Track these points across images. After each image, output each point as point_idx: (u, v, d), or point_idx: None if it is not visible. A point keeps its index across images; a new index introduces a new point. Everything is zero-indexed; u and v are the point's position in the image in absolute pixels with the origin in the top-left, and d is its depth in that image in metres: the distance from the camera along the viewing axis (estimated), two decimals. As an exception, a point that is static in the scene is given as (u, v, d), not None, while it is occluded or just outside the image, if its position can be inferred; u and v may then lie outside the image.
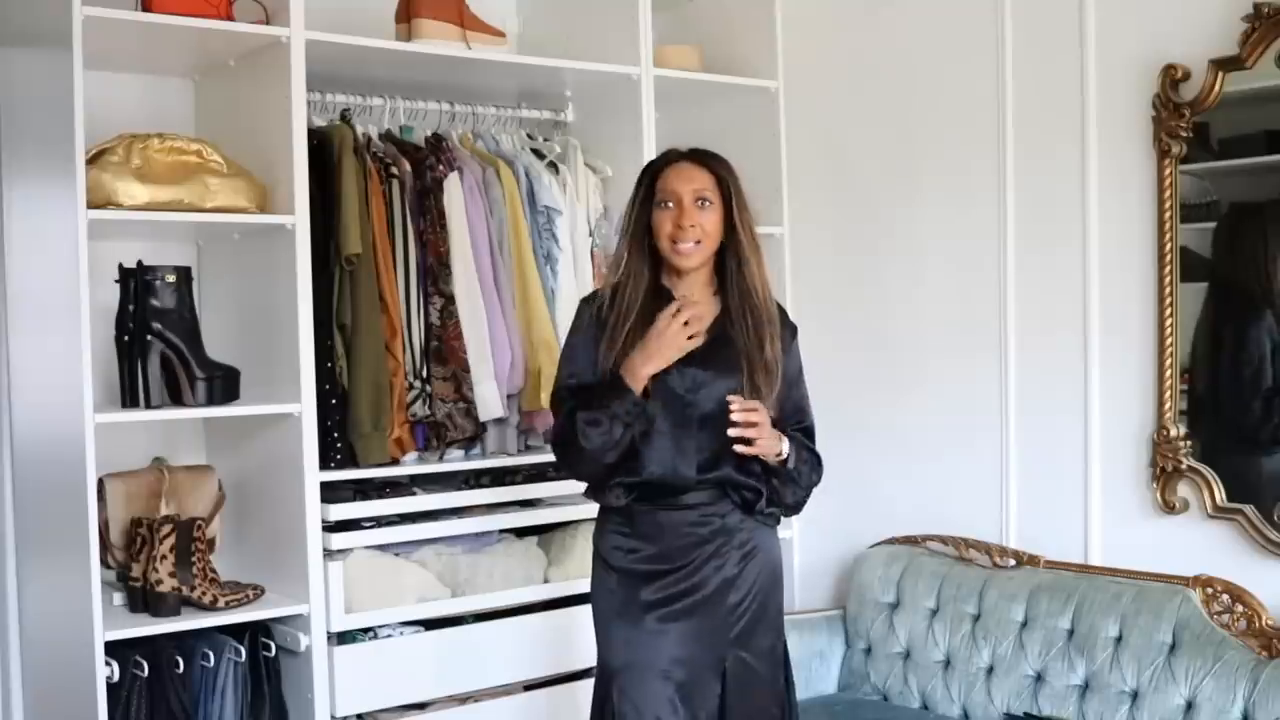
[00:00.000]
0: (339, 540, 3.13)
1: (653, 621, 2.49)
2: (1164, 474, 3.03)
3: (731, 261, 2.53)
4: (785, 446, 2.50)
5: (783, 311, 2.64)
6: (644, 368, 2.45)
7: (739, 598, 2.52)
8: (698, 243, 2.49)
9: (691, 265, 2.51)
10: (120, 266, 2.99)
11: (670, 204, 2.50)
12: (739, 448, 2.44)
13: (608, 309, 2.53)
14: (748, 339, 2.51)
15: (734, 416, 2.42)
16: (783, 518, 2.67)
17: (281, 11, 3.06)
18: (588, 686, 3.44)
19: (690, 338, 2.46)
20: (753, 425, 2.42)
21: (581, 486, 3.47)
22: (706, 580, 2.50)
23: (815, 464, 2.60)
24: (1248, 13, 2.84)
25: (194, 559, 3.01)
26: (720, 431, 2.46)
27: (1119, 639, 2.95)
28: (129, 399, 2.96)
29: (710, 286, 2.58)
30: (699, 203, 2.49)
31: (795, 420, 2.61)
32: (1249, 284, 2.91)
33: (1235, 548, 2.92)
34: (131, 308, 2.97)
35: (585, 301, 2.63)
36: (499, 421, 3.41)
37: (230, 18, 3.05)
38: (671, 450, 2.48)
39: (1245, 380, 2.91)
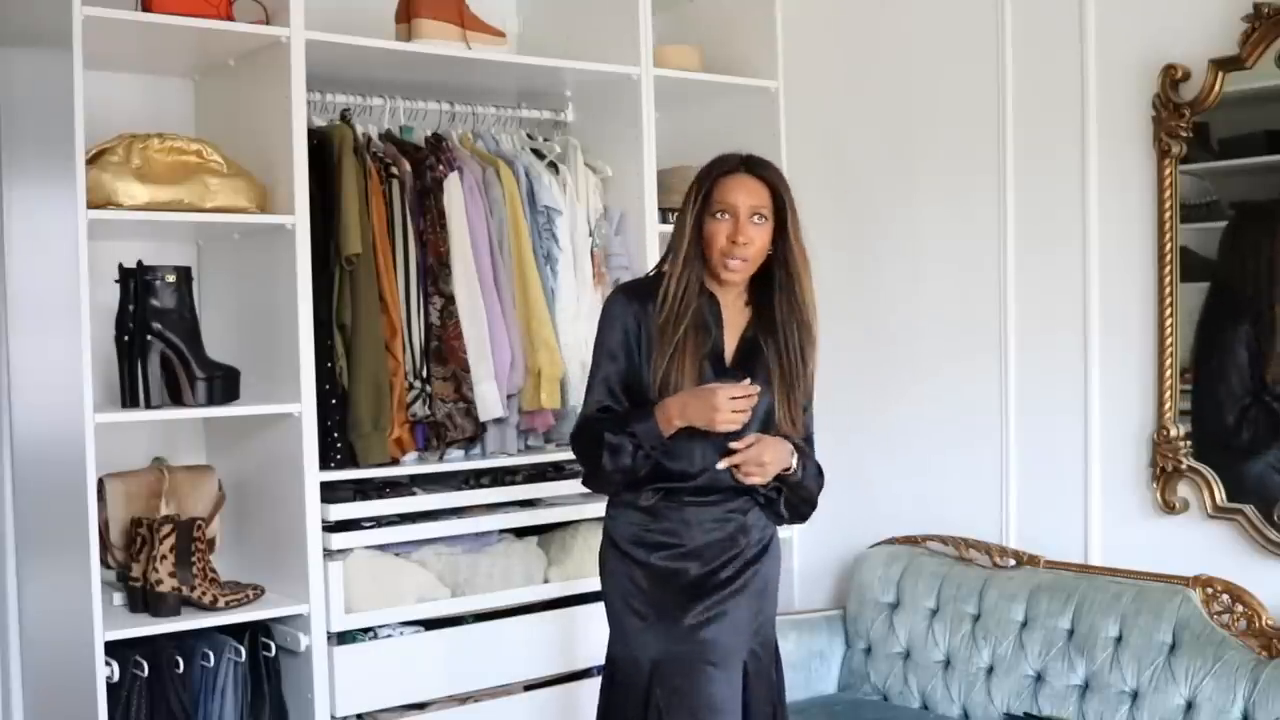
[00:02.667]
0: (339, 540, 3.13)
1: (691, 620, 2.49)
2: (1164, 474, 3.03)
3: (780, 272, 2.54)
4: (795, 461, 2.52)
5: None
6: (679, 418, 2.44)
7: (759, 596, 2.54)
8: (745, 261, 2.49)
9: (735, 281, 2.53)
10: (120, 266, 2.99)
11: (726, 215, 2.49)
12: (740, 478, 2.47)
13: (656, 309, 2.51)
14: (789, 352, 2.53)
15: (738, 459, 2.45)
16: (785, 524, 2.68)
17: (281, 11, 3.06)
18: (588, 686, 3.46)
19: (737, 422, 2.44)
20: (758, 464, 2.46)
21: (581, 486, 3.49)
22: (734, 579, 2.51)
23: (818, 474, 2.63)
24: (1248, 13, 2.84)
25: (194, 559, 3.01)
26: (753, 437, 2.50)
27: (1119, 639, 2.95)
28: (129, 399, 2.96)
29: (746, 294, 2.58)
30: (754, 218, 2.49)
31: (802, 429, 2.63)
32: (1249, 283, 2.91)
33: (1235, 548, 2.92)
34: (131, 308, 2.97)
35: (623, 294, 2.60)
36: (499, 421, 3.41)
37: (230, 18, 3.05)
38: (706, 449, 2.49)
39: (1244, 379, 2.91)
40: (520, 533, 3.50)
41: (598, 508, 3.43)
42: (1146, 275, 3.06)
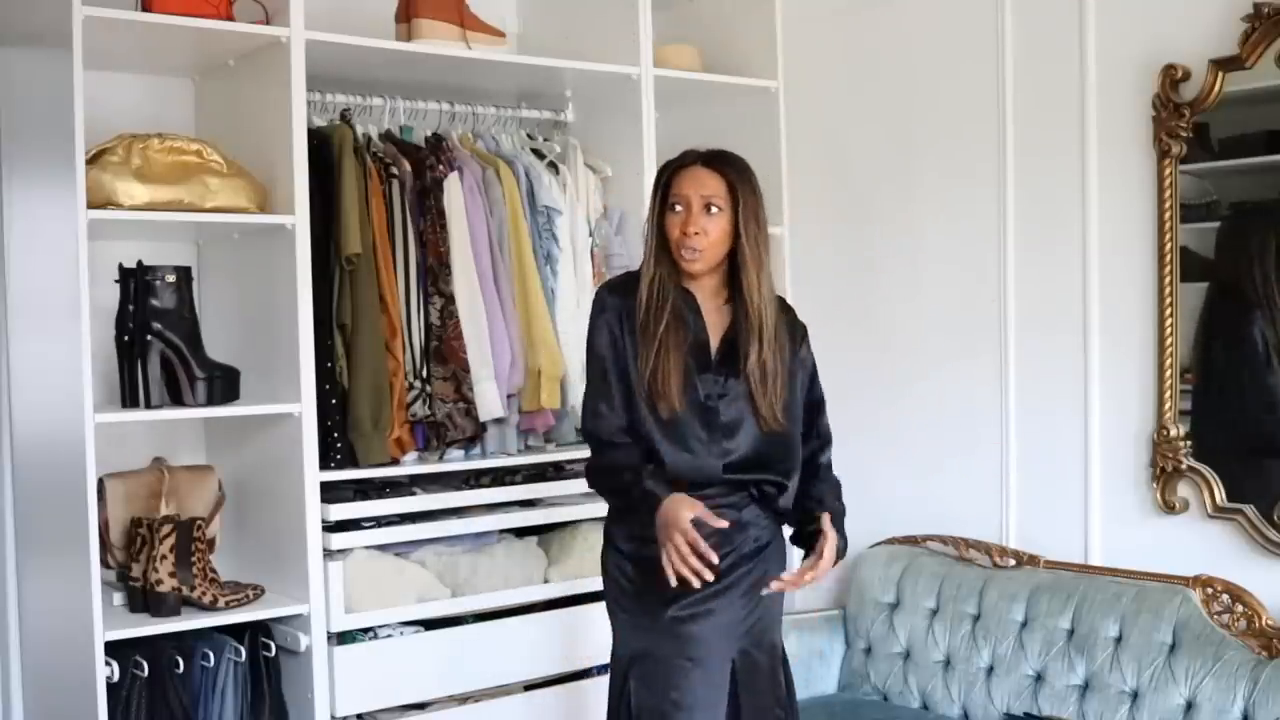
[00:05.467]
0: (339, 540, 3.13)
1: (673, 613, 2.48)
2: (1164, 474, 3.03)
3: (738, 268, 2.52)
4: (837, 542, 2.54)
5: (791, 311, 2.66)
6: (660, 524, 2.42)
7: (752, 594, 2.53)
8: (700, 251, 2.48)
9: (696, 270, 2.51)
10: (120, 266, 2.99)
11: (679, 208, 2.50)
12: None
13: (641, 308, 2.51)
14: (749, 349, 2.51)
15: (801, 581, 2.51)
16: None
17: (281, 11, 3.06)
18: (588, 686, 3.47)
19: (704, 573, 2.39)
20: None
21: (581, 486, 3.48)
22: (725, 575, 2.49)
23: (839, 494, 2.66)
24: (1248, 13, 2.84)
25: (194, 559, 3.01)
26: (744, 434, 2.50)
27: (1119, 639, 2.95)
28: (129, 399, 2.96)
29: (723, 293, 2.57)
30: (707, 209, 2.48)
31: (818, 429, 2.65)
32: (1249, 284, 2.91)
33: (1235, 548, 2.92)
34: (131, 308, 2.97)
35: (607, 291, 2.60)
36: (499, 421, 3.41)
37: (230, 18, 3.05)
38: (701, 451, 2.49)
39: (1245, 379, 2.91)
40: (520, 533, 3.50)
41: (597, 508, 3.43)
42: (1146, 275, 3.06)
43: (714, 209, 2.48)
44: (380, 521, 3.22)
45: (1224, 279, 2.96)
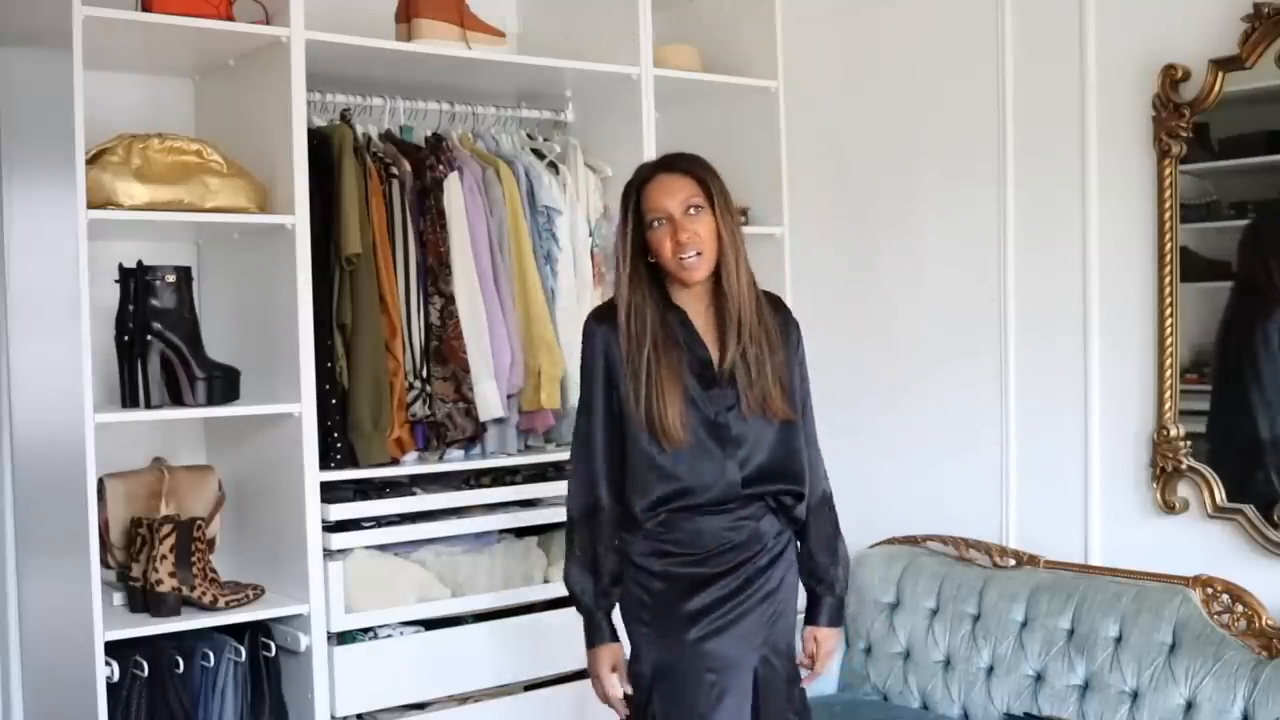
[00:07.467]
0: (339, 540, 3.14)
1: (696, 631, 2.47)
2: (1164, 474, 3.03)
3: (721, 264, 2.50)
4: (839, 620, 2.68)
5: (785, 310, 2.64)
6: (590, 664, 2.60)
7: (771, 603, 2.53)
8: (699, 253, 2.45)
9: (699, 278, 2.48)
10: (120, 266, 2.99)
11: (662, 221, 2.45)
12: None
13: (623, 338, 2.48)
14: (744, 347, 2.49)
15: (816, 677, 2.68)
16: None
17: (281, 11, 3.06)
18: (588, 686, 3.46)
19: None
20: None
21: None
22: (744, 587, 2.50)
23: (839, 539, 2.65)
24: (1248, 13, 2.84)
25: (194, 559, 3.02)
26: (758, 441, 2.49)
27: (1119, 639, 2.95)
28: (129, 399, 2.97)
29: (711, 299, 2.53)
30: (689, 210, 2.45)
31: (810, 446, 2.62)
32: (1264, 283, 2.90)
33: (1235, 548, 2.92)
34: (131, 308, 2.97)
35: (594, 320, 2.57)
36: (499, 421, 3.41)
37: (230, 18, 3.05)
38: (715, 466, 2.47)
39: (1249, 379, 2.91)
40: (520, 533, 3.50)
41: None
42: (1146, 275, 3.06)
43: (695, 209, 2.45)
44: (380, 521, 3.22)
45: (1248, 278, 2.93)
